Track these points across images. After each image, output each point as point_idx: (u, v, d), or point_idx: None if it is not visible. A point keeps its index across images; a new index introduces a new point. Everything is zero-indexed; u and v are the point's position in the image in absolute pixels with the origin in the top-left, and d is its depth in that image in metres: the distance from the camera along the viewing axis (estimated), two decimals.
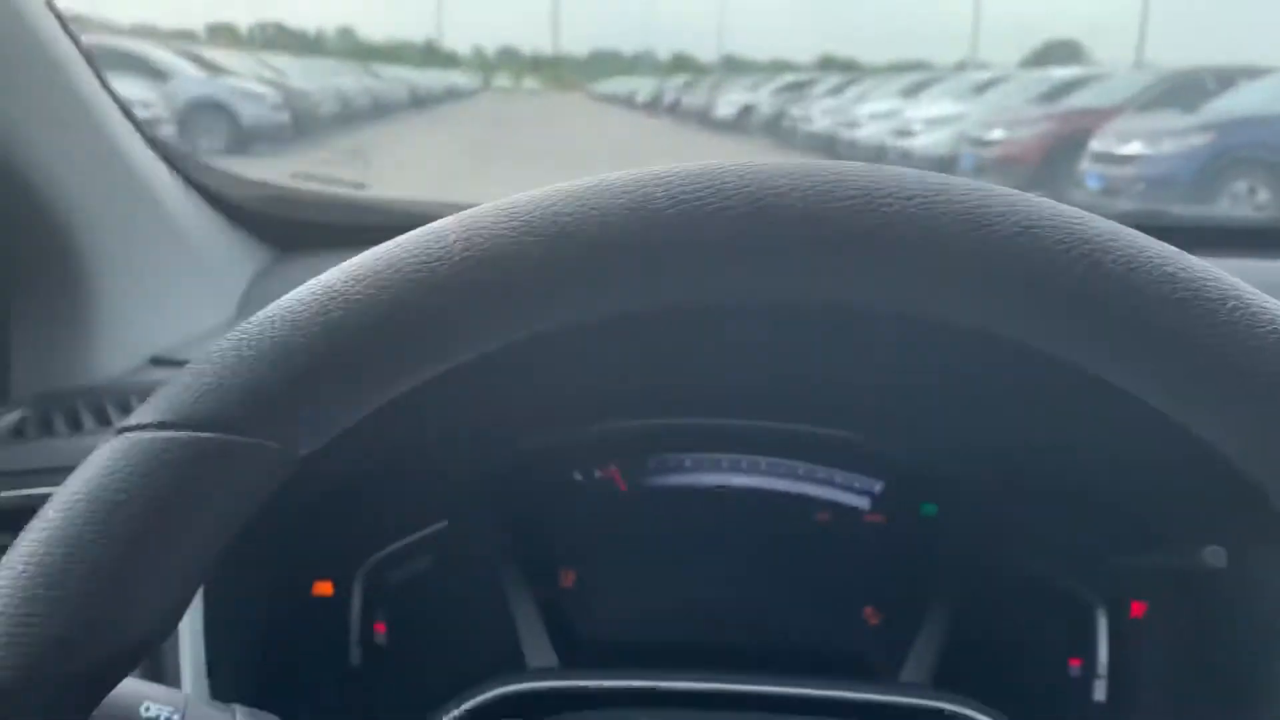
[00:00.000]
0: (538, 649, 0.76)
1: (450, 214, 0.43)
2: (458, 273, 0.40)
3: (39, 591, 0.37)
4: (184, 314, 1.03)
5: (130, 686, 0.51)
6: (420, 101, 21.14)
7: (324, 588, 0.83)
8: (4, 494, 0.78)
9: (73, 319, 0.93)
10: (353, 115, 14.71)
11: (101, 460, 0.40)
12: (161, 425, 0.40)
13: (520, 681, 0.71)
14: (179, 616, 0.41)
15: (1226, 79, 8.72)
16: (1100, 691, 0.78)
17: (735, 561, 0.83)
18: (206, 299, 1.05)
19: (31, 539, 0.39)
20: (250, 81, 11.49)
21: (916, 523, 0.82)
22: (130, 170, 0.97)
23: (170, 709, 0.51)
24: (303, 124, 11.38)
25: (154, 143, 1.02)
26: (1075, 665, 0.79)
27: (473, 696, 0.71)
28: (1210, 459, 0.62)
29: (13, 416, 0.88)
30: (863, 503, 0.83)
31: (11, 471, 0.80)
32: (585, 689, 0.71)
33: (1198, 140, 7.60)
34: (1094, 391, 0.64)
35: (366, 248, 0.43)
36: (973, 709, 0.69)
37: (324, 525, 0.82)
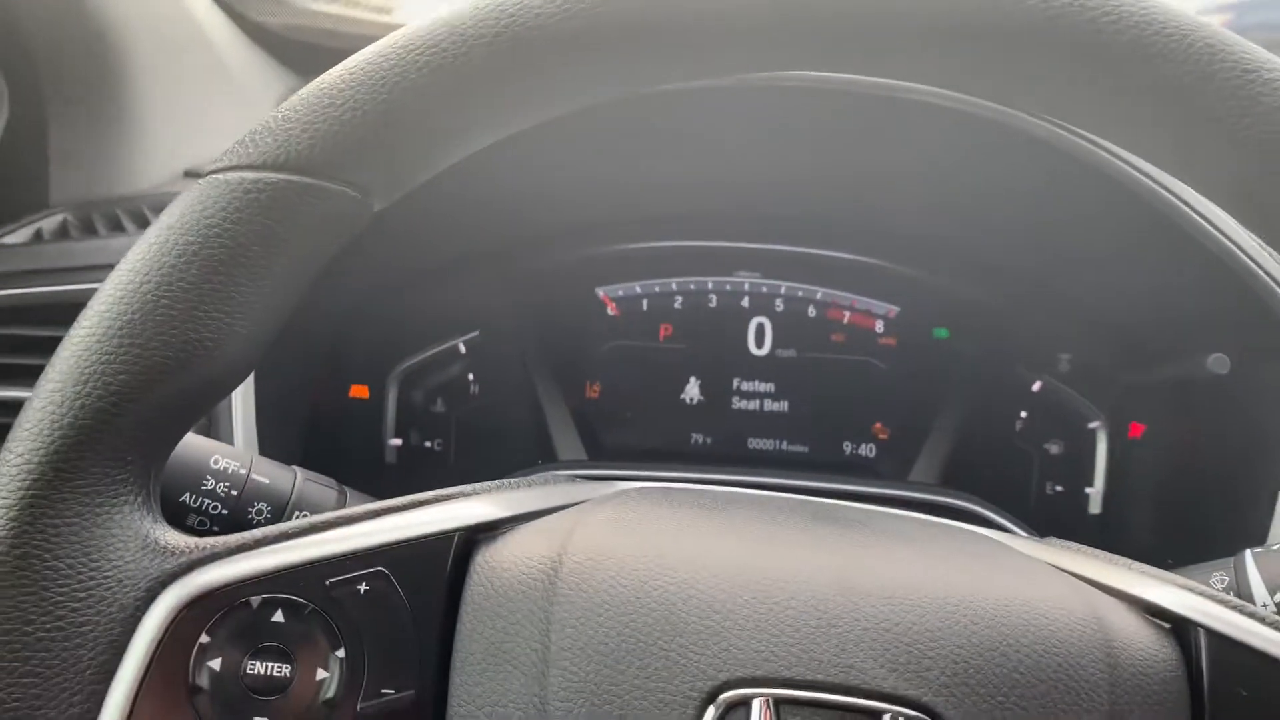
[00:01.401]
0: (568, 445, 0.80)
1: None
2: (550, 29, 0.42)
3: (139, 315, 0.40)
4: (215, 132, 1.04)
5: (201, 441, 0.55)
6: None
7: (360, 390, 0.87)
8: (54, 288, 0.81)
9: (112, 131, 0.94)
10: None
11: (193, 197, 0.42)
12: (250, 166, 0.42)
13: (552, 470, 0.75)
14: (262, 351, 0.44)
15: None
16: (1096, 504, 0.83)
17: (757, 379, 0.87)
18: (236, 118, 1.06)
19: (126, 270, 0.41)
20: None
21: (928, 344, 0.85)
22: None
23: (238, 463, 0.55)
24: None
25: None
26: (1072, 477, 0.83)
27: None
28: (1219, 273, 0.65)
29: (55, 219, 0.89)
30: (878, 326, 0.87)
31: (58, 269, 0.82)
32: (615, 478, 0.75)
33: None
34: (1112, 204, 0.67)
35: None
36: (977, 504, 0.73)
37: (360, 332, 0.85)
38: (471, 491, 0.45)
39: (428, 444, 0.87)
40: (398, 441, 0.86)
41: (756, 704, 0.36)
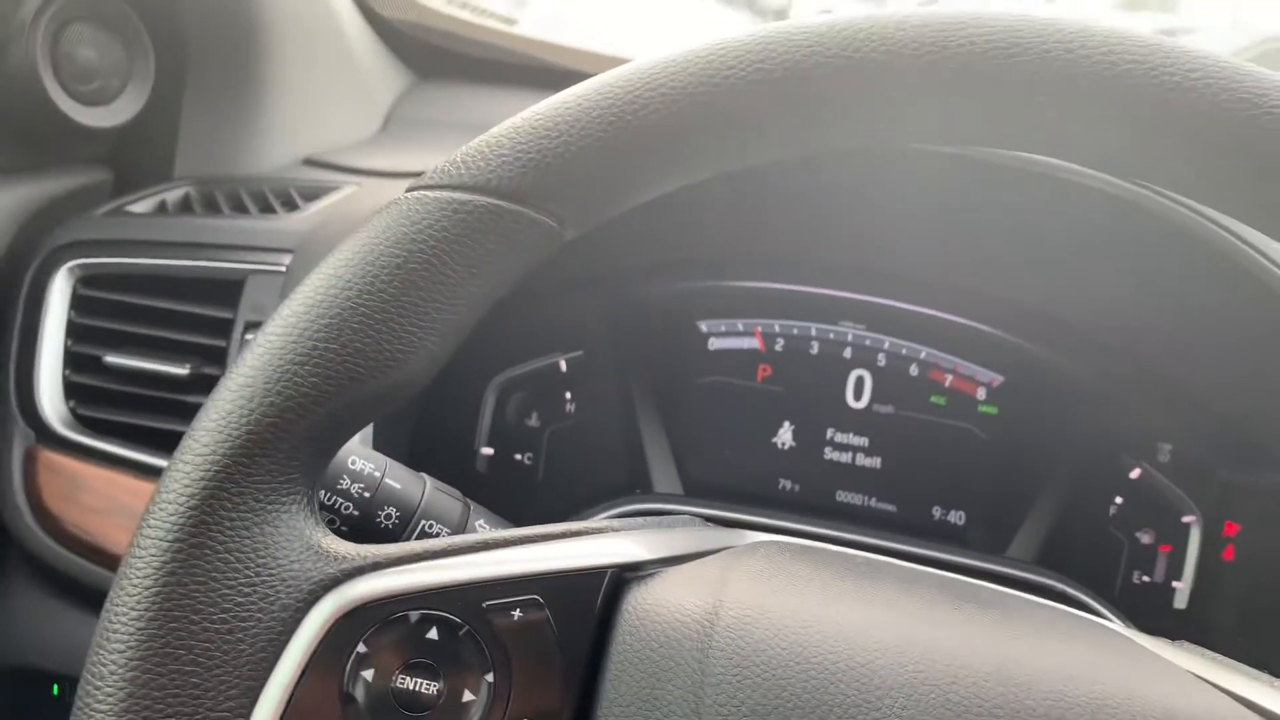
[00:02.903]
0: (665, 476, 0.80)
1: (602, 67, 0.45)
2: (752, 80, 0.42)
3: (337, 320, 0.41)
4: (336, 123, 1.05)
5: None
6: None
7: (459, 397, 0.87)
8: (176, 262, 0.82)
9: (240, 112, 0.96)
10: None
11: (400, 212, 0.43)
12: (459, 187, 0.43)
13: (649, 501, 0.75)
14: (441, 363, 0.45)
15: None
16: (1183, 600, 0.82)
17: (851, 432, 0.87)
18: (357, 112, 1.08)
19: (328, 274, 0.42)
20: None
21: (1029, 418, 0.85)
22: None
23: (374, 465, 0.56)
24: None
25: None
26: (1162, 570, 0.82)
27: (602, 511, 0.76)
28: None
29: (179, 192, 0.91)
30: (979, 394, 0.86)
31: (181, 243, 0.84)
32: (710, 517, 0.75)
33: None
34: (1239, 296, 0.67)
35: (505, 84, 0.45)
36: (1070, 586, 0.73)
37: (469, 338, 0.86)
38: (618, 528, 0.45)
39: (518, 457, 0.87)
40: (489, 451, 0.87)
41: None
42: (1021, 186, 0.73)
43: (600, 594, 0.42)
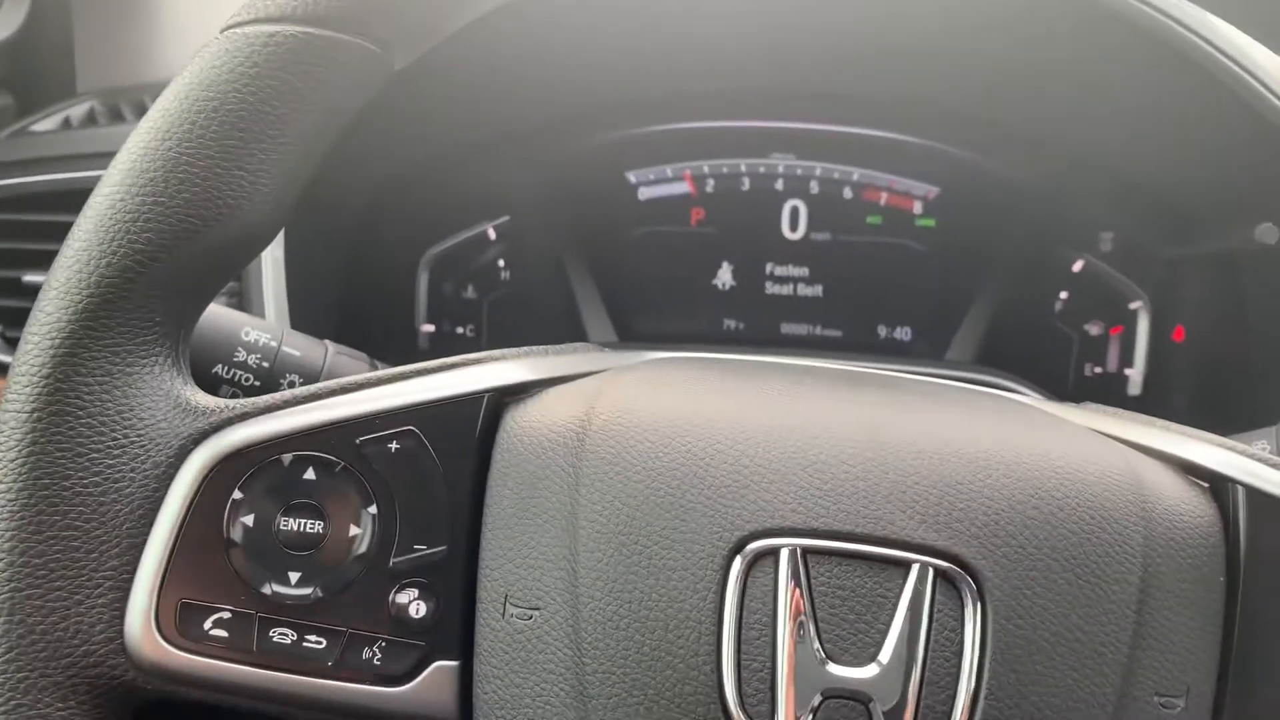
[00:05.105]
0: (600, 329, 0.80)
1: None
2: None
3: (161, 173, 0.40)
4: None
5: (232, 314, 0.55)
6: None
7: (393, 277, 0.86)
8: (82, 174, 0.81)
9: (136, 17, 0.93)
10: None
11: (210, 54, 0.41)
12: (268, 19, 0.41)
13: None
14: (288, 210, 0.44)
15: None
16: (1136, 386, 0.82)
17: (790, 264, 0.85)
18: None
19: (147, 129, 0.41)
20: None
21: (967, 226, 0.83)
22: None
23: (268, 335, 0.55)
24: None
25: None
26: (1115, 359, 0.82)
27: None
28: (1271, 139, 0.62)
29: (83, 107, 0.89)
30: (916, 208, 0.85)
31: (88, 154, 0.82)
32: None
33: None
34: (1162, 67, 0.65)
35: None
36: (1013, 381, 0.72)
37: (388, 217, 0.85)
38: (500, 356, 0.45)
39: (459, 330, 0.87)
40: (430, 328, 0.86)
41: (784, 553, 0.36)
42: None
43: (479, 419, 0.41)
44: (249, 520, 0.40)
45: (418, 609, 0.39)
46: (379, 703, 0.39)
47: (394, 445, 0.40)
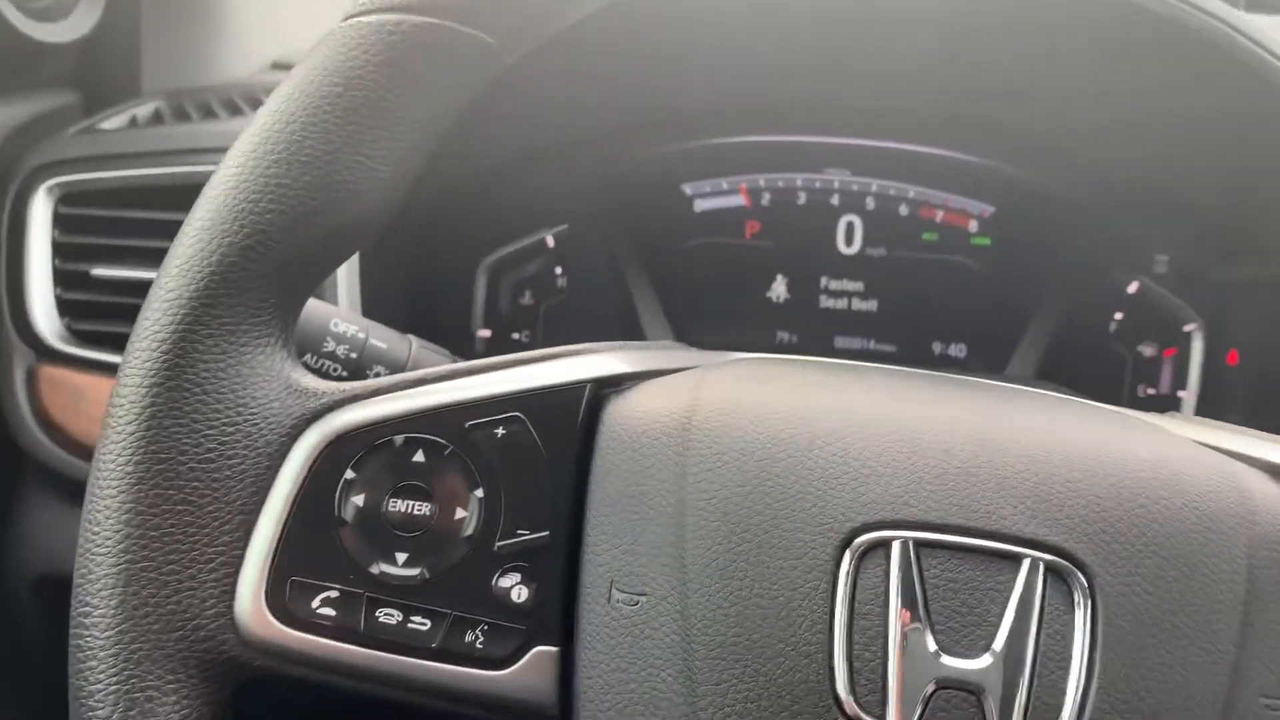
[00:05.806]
0: (659, 335, 0.80)
1: None
2: None
3: (285, 155, 0.40)
4: (303, 25, 1.04)
5: (320, 305, 0.56)
6: None
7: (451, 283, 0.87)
8: (154, 171, 0.82)
9: (204, 22, 0.95)
10: None
11: (335, 42, 0.42)
12: (390, 9, 0.42)
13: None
14: (400, 200, 0.44)
15: None
16: (1189, 409, 0.82)
17: (845, 278, 0.86)
18: (324, 12, 1.06)
19: (271, 113, 0.42)
20: None
21: (1023, 246, 0.84)
22: None
23: (356, 327, 0.56)
24: None
25: None
26: (1168, 381, 0.82)
27: None
28: None
29: (149, 107, 0.90)
30: (971, 226, 0.85)
31: (156, 151, 0.83)
32: None
33: None
34: (1224, 86, 0.65)
35: None
36: (1073, 396, 0.72)
37: (448, 224, 0.86)
38: (597, 348, 0.45)
39: (515, 336, 0.87)
40: (486, 333, 0.87)
41: (896, 546, 0.36)
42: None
43: (581, 407, 0.42)
44: (360, 500, 0.40)
45: (520, 593, 0.40)
46: (480, 686, 0.39)
47: (500, 430, 0.41)
